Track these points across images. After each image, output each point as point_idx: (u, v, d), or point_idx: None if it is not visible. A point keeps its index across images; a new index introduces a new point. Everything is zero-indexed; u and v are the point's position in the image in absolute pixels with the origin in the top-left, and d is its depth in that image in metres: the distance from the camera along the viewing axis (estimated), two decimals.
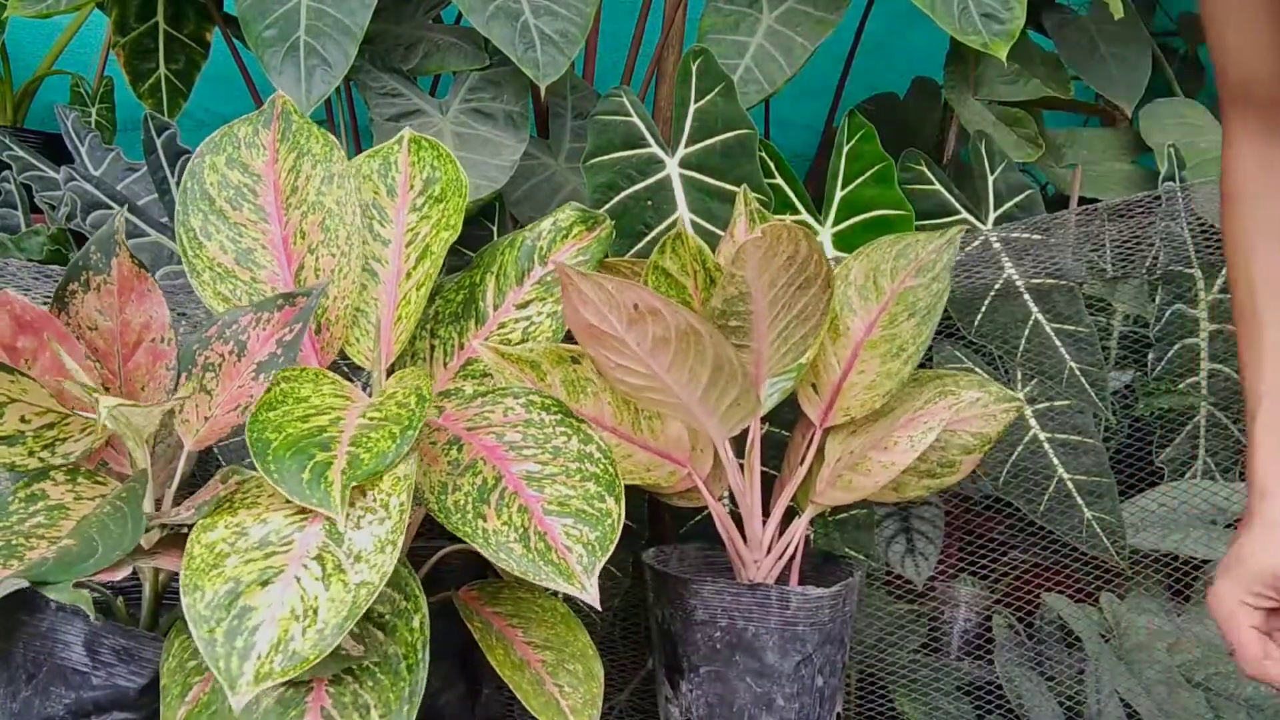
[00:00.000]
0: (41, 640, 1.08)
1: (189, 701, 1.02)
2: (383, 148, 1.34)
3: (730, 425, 1.23)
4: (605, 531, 1.03)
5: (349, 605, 0.91)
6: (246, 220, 1.24)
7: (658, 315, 1.11)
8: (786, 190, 1.57)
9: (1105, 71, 1.86)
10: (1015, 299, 1.57)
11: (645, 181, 1.48)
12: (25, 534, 1.02)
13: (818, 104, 2.12)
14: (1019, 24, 1.54)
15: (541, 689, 1.13)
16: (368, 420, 1.03)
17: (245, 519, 0.98)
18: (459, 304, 1.31)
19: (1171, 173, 1.59)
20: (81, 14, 2.19)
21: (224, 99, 2.13)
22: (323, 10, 1.48)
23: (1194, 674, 1.52)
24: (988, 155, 1.64)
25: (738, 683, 1.23)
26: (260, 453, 0.96)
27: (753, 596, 1.22)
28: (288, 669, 0.88)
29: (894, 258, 1.28)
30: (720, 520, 1.29)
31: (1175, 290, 1.59)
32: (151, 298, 1.21)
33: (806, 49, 1.65)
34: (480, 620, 1.17)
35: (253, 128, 1.28)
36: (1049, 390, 1.56)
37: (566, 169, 1.71)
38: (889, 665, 1.60)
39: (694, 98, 1.50)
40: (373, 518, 0.96)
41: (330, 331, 1.22)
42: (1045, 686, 1.56)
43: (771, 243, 1.10)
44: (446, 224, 1.28)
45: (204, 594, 0.91)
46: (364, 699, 0.99)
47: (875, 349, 1.26)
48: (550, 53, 1.48)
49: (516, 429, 1.11)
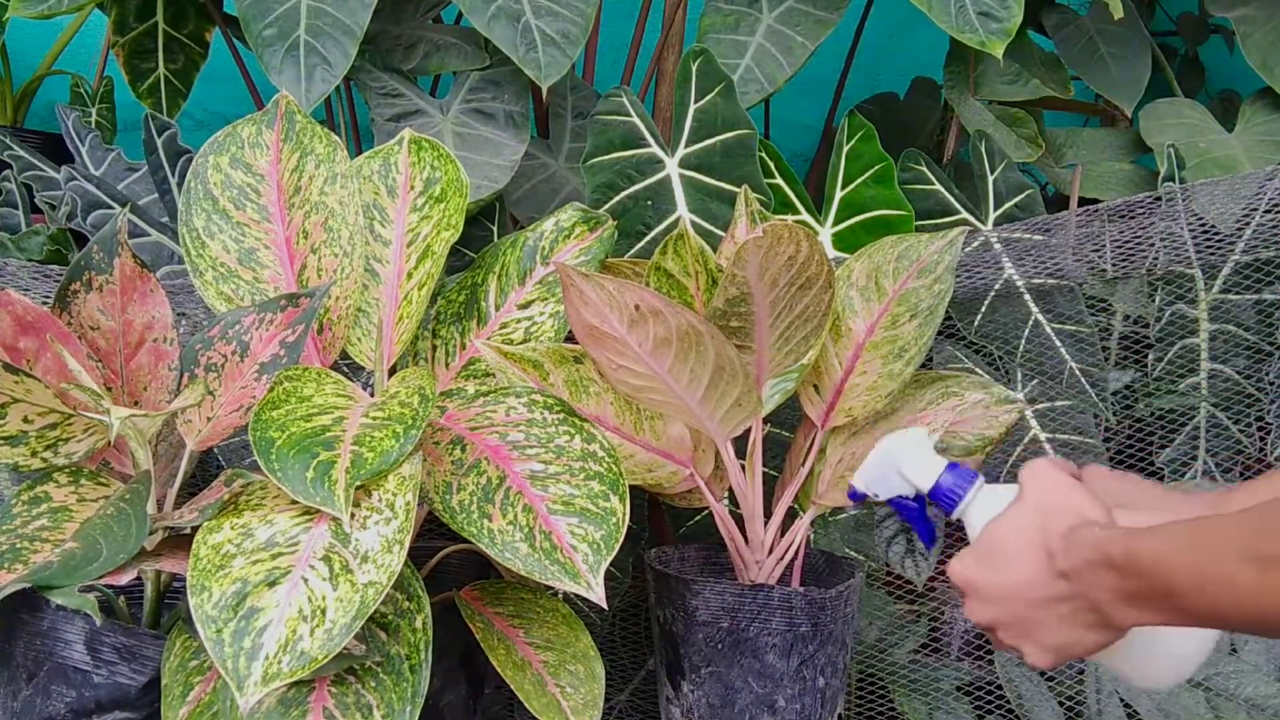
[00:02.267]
0: (42, 639, 1.08)
1: (191, 701, 1.02)
2: (383, 148, 1.34)
3: (732, 426, 1.23)
4: (610, 530, 1.03)
5: (357, 605, 0.91)
6: (250, 220, 1.24)
7: (659, 316, 1.11)
8: (786, 190, 1.57)
9: (1105, 71, 1.86)
10: (1015, 299, 1.57)
11: (645, 181, 1.48)
12: (29, 537, 1.02)
13: (818, 104, 2.12)
14: (1016, 22, 1.54)
15: (543, 689, 1.13)
16: (371, 420, 1.03)
17: (251, 520, 0.98)
18: (461, 304, 1.31)
19: (1171, 173, 1.59)
20: (81, 14, 2.19)
21: (224, 99, 2.13)
22: (322, 9, 1.48)
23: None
24: (988, 155, 1.64)
25: (739, 683, 1.23)
26: (264, 452, 0.97)
27: (755, 597, 1.22)
28: (296, 669, 0.89)
29: (896, 258, 1.28)
30: (722, 521, 1.29)
31: (1175, 290, 1.59)
32: (154, 298, 1.21)
33: (806, 49, 1.65)
34: (482, 620, 1.17)
35: (256, 128, 1.28)
36: (1049, 390, 1.57)
37: (567, 169, 1.71)
38: (889, 665, 1.60)
39: (694, 98, 1.50)
40: (379, 518, 0.96)
41: (332, 331, 1.22)
42: (1045, 686, 1.57)
43: (772, 243, 1.11)
44: (447, 224, 1.28)
45: (211, 595, 0.91)
46: (366, 699, 0.99)
47: (877, 350, 1.26)
48: (551, 53, 1.49)
49: (519, 429, 1.11)
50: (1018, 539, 0.84)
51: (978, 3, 1.55)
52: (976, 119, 1.74)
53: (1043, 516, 0.83)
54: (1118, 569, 0.75)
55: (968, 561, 0.87)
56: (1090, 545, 0.78)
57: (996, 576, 0.84)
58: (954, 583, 0.88)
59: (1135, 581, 0.75)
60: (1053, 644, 0.82)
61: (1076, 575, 0.79)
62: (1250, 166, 1.66)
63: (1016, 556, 0.83)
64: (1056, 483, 0.85)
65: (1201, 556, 0.71)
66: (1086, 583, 0.78)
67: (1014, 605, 0.83)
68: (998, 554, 0.85)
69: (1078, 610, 0.80)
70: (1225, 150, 1.72)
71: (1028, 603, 0.82)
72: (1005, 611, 0.84)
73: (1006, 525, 0.85)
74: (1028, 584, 0.82)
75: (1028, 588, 0.82)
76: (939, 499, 0.95)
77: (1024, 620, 0.83)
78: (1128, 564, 0.75)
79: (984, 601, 0.85)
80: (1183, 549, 0.72)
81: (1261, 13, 1.79)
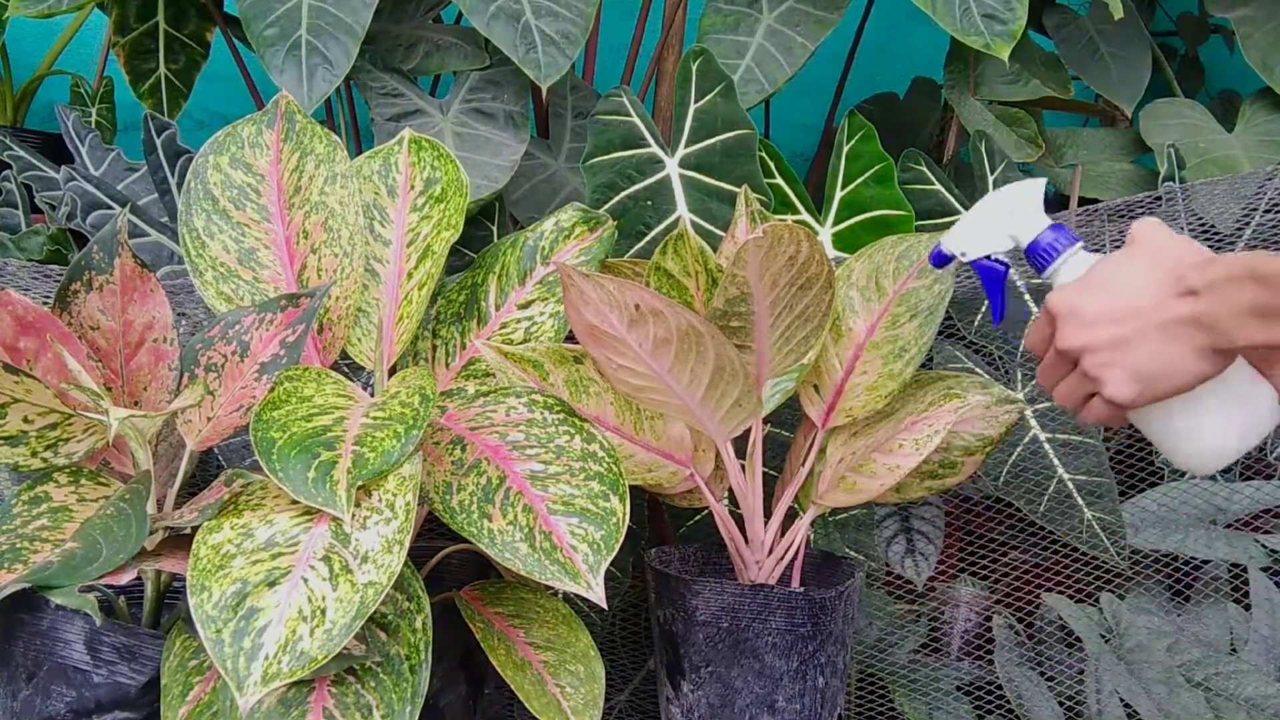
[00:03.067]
0: (42, 639, 1.08)
1: (190, 701, 1.02)
2: (383, 148, 1.34)
3: (732, 426, 1.23)
4: (610, 530, 1.03)
5: (357, 605, 0.91)
6: (250, 220, 1.24)
7: (659, 316, 1.11)
8: (786, 190, 1.57)
9: (1105, 71, 1.86)
10: (1015, 299, 1.57)
11: (645, 181, 1.48)
12: (29, 537, 1.02)
13: (818, 104, 2.12)
14: (1021, 24, 1.54)
15: (543, 689, 1.13)
16: (371, 420, 1.03)
17: (251, 520, 0.98)
18: (461, 304, 1.31)
19: (1171, 173, 1.59)
20: (81, 14, 2.19)
21: (224, 99, 2.13)
22: (324, 9, 1.48)
23: (1194, 674, 1.52)
24: (988, 155, 1.64)
25: (739, 683, 1.23)
26: (265, 452, 0.97)
27: (755, 597, 1.22)
28: (295, 669, 0.89)
29: (896, 258, 1.28)
30: (722, 521, 1.29)
31: None
32: (154, 298, 1.21)
33: (807, 49, 1.65)
34: (482, 620, 1.17)
35: (256, 128, 1.28)
36: None
37: (566, 169, 1.71)
38: (889, 665, 1.60)
39: (694, 98, 1.50)
40: (379, 518, 0.96)
41: (332, 331, 1.23)
42: (1045, 686, 1.57)
43: (773, 243, 1.11)
44: (448, 224, 1.28)
45: (211, 595, 0.91)
46: (366, 699, 0.99)
47: (877, 350, 1.26)
48: (551, 53, 1.49)
49: (519, 429, 1.11)
50: (1134, 267, 0.84)
51: (982, 5, 1.55)
52: (976, 119, 1.74)
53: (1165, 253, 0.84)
54: (1262, 281, 0.76)
55: (1070, 290, 0.88)
56: (1232, 262, 0.78)
57: (1107, 297, 0.85)
58: (1050, 309, 0.88)
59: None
60: (1147, 370, 0.83)
61: (1210, 289, 0.79)
62: (1250, 166, 1.66)
63: (1134, 279, 0.84)
64: (1172, 234, 0.86)
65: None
66: (1220, 296, 0.79)
67: (1120, 325, 0.84)
68: (1110, 281, 0.85)
69: (1195, 330, 0.81)
70: (1225, 150, 1.72)
71: (1138, 321, 0.83)
72: (1107, 332, 0.84)
73: (1121, 259, 0.86)
74: (1145, 302, 0.83)
75: (1144, 306, 0.83)
76: (1036, 255, 0.97)
77: (1124, 341, 0.84)
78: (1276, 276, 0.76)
79: (1083, 324, 0.85)
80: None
81: (1261, 13, 1.79)
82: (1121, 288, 0.85)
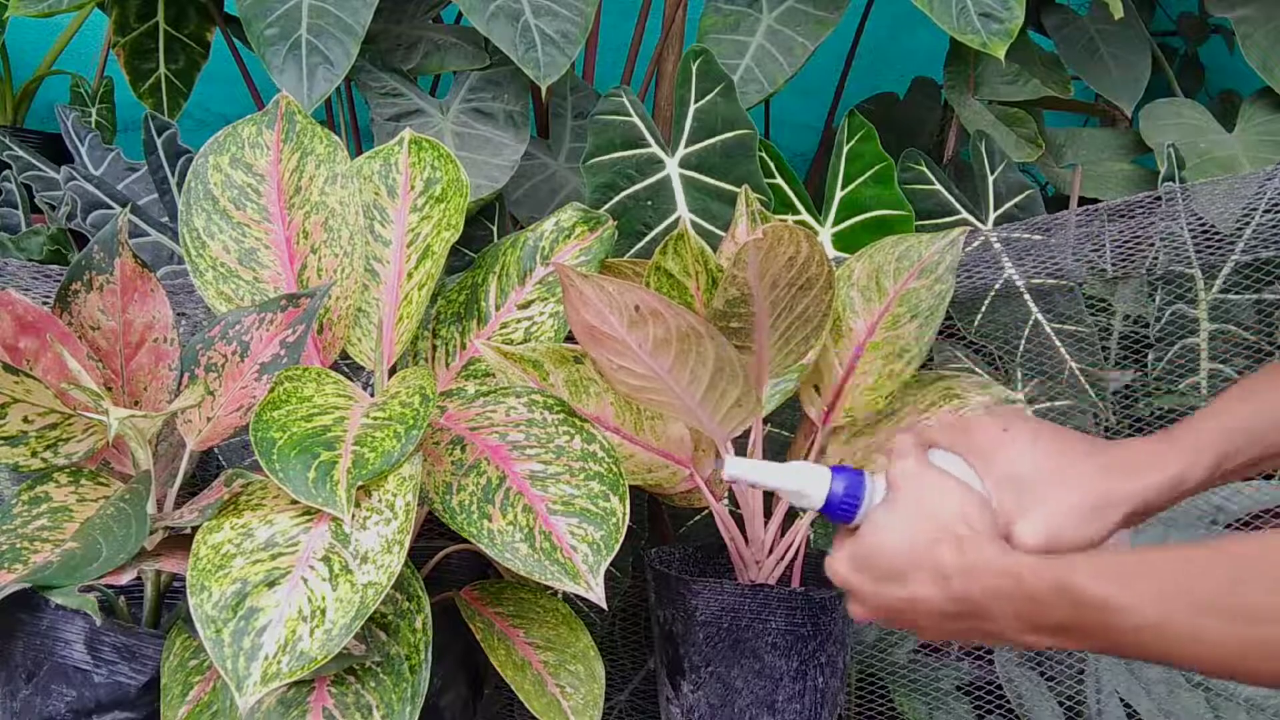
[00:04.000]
0: (42, 639, 1.08)
1: (190, 701, 1.02)
2: (383, 148, 1.34)
3: (732, 426, 1.23)
4: (610, 530, 1.03)
5: (356, 606, 0.91)
6: (250, 220, 1.24)
7: (659, 317, 1.11)
8: (786, 190, 1.57)
9: (1105, 71, 1.86)
10: (1015, 299, 1.57)
11: (645, 181, 1.48)
12: (29, 537, 1.02)
13: (818, 104, 2.12)
14: (1018, 23, 1.54)
15: (543, 690, 1.13)
16: (371, 420, 1.03)
17: (251, 520, 0.98)
18: (461, 304, 1.32)
19: (1171, 173, 1.59)
20: (81, 14, 2.19)
21: (224, 99, 2.13)
22: (324, 9, 1.48)
23: (1194, 674, 1.52)
24: (988, 155, 1.64)
25: (739, 683, 1.23)
26: (265, 452, 0.97)
27: (755, 597, 1.22)
28: (295, 670, 0.89)
29: (896, 259, 1.28)
30: (722, 521, 1.29)
31: (1175, 290, 1.59)
32: (155, 298, 1.21)
33: (806, 49, 1.65)
34: (482, 620, 1.17)
35: (257, 128, 1.28)
36: (1049, 390, 1.57)
37: (566, 169, 1.71)
38: (889, 665, 1.60)
39: (694, 98, 1.50)
40: (379, 518, 0.96)
41: (332, 331, 1.23)
42: (1045, 686, 1.57)
43: (773, 244, 1.10)
44: (448, 224, 1.28)
45: (211, 595, 0.91)
46: (366, 699, 0.99)
47: (878, 350, 1.26)
48: (551, 53, 1.49)
49: (519, 429, 1.11)
50: (901, 550, 0.77)
51: (979, 3, 1.55)
52: (976, 119, 1.74)
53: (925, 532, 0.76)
54: (1038, 600, 0.69)
55: (848, 564, 0.81)
56: (993, 573, 0.72)
57: (884, 589, 0.78)
58: (834, 582, 0.82)
59: (1062, 614, 0.68)
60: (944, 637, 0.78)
61: (974, 603, 0.73)
62: (1250, 166, 1.66)
63: (905, 572, 0.76)
64: (930, 487, 0.79)
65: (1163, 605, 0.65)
66: (987, 611, 0.72)
67: (902, 617, 0.78)
68: (880, 564, 0.78)
69: (973, 629, 0.75)
70: (1225, 150, 1.72)
71: (916, 614, 0.77)
72: (892, 617, 0.79)
73: (886, 533, 0.79)
74: (919, 601, 0.76)
75: (918, 603, 0.76)
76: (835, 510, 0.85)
77: (911, 625, 0.78)
78: (1054, 597, 0.69)
79: (868, 608, 0.80)
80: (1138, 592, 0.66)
81: (1261, 13, 1.79)
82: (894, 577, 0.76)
